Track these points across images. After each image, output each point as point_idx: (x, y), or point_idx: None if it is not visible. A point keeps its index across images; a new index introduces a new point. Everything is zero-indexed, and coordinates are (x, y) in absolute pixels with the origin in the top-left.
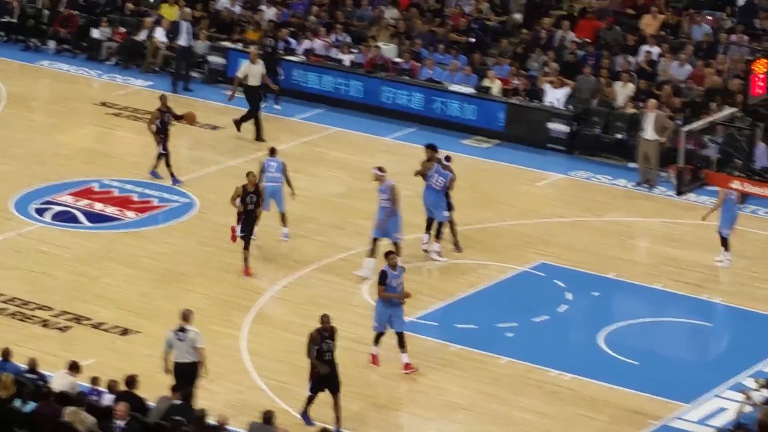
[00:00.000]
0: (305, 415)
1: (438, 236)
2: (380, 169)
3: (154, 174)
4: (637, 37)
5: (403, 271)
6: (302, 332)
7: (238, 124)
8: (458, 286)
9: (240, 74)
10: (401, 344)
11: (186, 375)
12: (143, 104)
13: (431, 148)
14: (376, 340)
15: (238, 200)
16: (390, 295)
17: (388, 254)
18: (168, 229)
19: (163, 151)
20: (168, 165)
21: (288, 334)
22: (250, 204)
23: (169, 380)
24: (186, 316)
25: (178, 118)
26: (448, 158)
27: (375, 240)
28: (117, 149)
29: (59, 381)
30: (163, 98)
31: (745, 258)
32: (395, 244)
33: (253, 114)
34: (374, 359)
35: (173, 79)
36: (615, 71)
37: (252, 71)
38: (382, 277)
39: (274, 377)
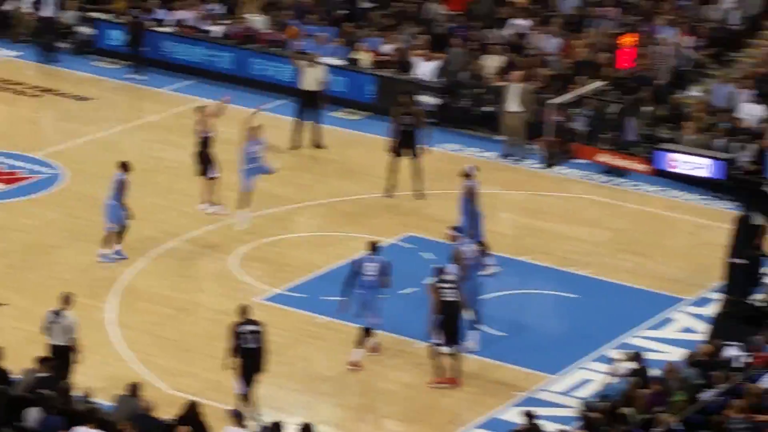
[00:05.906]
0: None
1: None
2: (471, 167)
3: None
4: (506, 9)
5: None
6: (169, 305)
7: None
8: (326, 258)
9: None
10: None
11: (58, 357)
12: (12, 75)
13: None
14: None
15: None
16: None
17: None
18: (35, 200)
19: None
20: None
21: (155, 306)
22: None
23: (35, 352)
24: (66, 300)
25: None
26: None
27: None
28: None
29: None
30: None
31: (611, 230)
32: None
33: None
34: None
35: (41, 49)
36: (484, 44)
37: None
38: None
39: (141, 350)
